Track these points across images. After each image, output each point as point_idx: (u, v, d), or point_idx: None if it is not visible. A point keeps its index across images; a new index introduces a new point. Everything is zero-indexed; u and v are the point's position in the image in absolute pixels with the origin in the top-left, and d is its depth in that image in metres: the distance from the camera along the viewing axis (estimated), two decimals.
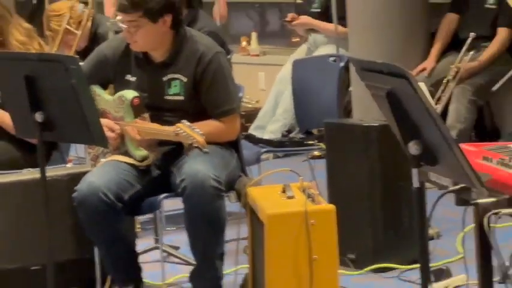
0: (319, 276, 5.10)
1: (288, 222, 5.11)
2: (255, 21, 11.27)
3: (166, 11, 5.50)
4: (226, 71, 5.65)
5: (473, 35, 6.79)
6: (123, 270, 5.62)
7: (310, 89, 7.17)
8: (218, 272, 5.51)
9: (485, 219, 3.79)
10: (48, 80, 5.18)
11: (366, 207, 6.02)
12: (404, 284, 5.74)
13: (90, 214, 5.41)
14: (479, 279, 4.31)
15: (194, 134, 5.18)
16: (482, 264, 4.28)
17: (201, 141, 5.16)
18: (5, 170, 5.94)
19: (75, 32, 7.39)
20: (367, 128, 6.07)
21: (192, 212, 5.40)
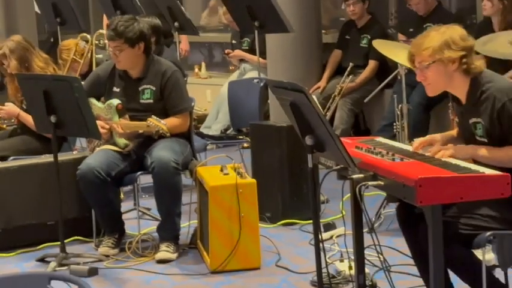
0: (246, 228, 5.12)
1: (224, 191, 5.13)
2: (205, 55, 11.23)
3: (140, 40, 5.50)
4: (181, 83, 5.64)
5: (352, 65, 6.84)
6: (111, 224, 5.59)
7: (240, 100, 7.19)
8: (176, 226, 5.49)
9: (357, 189, 3.81)
10: (59, 93, 5.20)
11: (277, 181, 6.00)
12: (304, 233, 5.71)
13: (88, 186, 5.40)
14: (353, 230, 4.31)
15: (160, 124, 5.23)
16: (356, 220, 4.26)
17: (165, 129, 5.23)
18: (30, 156, 5.94)
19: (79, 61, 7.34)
20: (279, 128, 6.07)
21: (158, 184, 5.40)
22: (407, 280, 4.58)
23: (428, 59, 3.85)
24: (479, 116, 3.84)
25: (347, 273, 4.69)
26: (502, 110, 3.76)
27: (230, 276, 5.04)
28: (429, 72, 3.88)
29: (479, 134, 3.88)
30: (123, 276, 5.19)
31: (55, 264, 5.24)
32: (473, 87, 3.87)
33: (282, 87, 3.90)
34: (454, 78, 3.87)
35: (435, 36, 3.86)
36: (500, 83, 3.90)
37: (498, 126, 3.79)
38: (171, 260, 5.37)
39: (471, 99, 3.89)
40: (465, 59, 3.83)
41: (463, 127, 4.00)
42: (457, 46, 3.82)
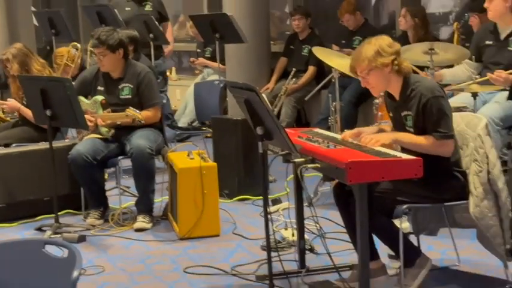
0: (208, 203, 5.10)
1: (190, 172, 5.10)
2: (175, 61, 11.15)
3: (120, 47, 5.44)
4: (154, 82, 5.58)
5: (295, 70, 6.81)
6: (97, 199, 5.53)
7: (204, 98, 7.15)
8: (151, 201, 5.46)
9: (298, 171, 3.81)
10: (54, 91, 5.14)
11: (234, 164, 5.98)
12: (255, 207, 5.70)
13: (77, 168, 5.35)
14: (296, 204, 4.32)
15: (136, 114, 5.23)
16: (298, 196, 4.28)
17: (140, 117, 5.22)
18: (29, 143, 5.87)
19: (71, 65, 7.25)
20: (235, 121, 6.05)
21: (136, 167, 5.35)
22: (340, 245, 4.60)
23: (366, 68, 3.87)
24: (410, 110, 3.87)
25: (290, 239, 4.71)
26: (426, 105, 3.78)
27: (195, 242, 5.02)
28: (370, 78, 3.90)
29: (408, 125, 3.89)
30: (107, 242, 5.15)
31: (50, 232, 5.20)
32: (404, 86, 3.89)
33: (237, 87, 3.88)
34: (390, 79, 3.89)
35: (368, 48, 3.88)
36: (426, 82, 3.94)
37: (422, 118, 3.81)
38: (146, 228, 5.33)
39: (403, 96, 3.91)
40: (396, 61, 3.85)
41: (396, 120, 4.01)
42: (387, 53, 3.85)
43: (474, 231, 3.97)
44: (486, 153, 3.78)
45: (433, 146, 3.78)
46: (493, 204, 3.77)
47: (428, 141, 3.79)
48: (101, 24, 7.86)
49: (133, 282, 4.39)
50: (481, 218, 3.77)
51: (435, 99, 3.78)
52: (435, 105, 3.77)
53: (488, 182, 3.76)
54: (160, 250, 4.93)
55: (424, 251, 4.06)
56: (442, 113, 3.78)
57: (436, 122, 3.77)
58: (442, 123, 3.77)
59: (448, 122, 3.80)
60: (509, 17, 5.42)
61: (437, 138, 3.77)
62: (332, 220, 4.86)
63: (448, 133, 3.78)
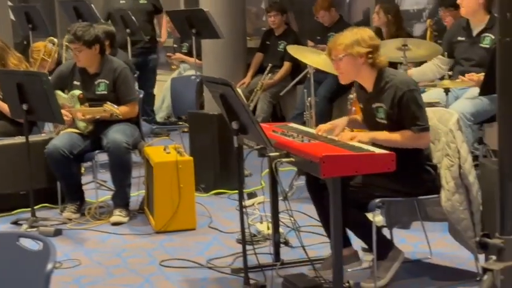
0: (184, 197, 5.09)
1: (166, 166, 5.08)
2: None
3: (96, 42, 5.40)
4: (130, 78, 5.55)
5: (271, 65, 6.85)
6: (73, 193, 5.50)
7: (180, 93, 7.13)
8: (128, 195, 5.44)
9: (273, 165, 3.81)
10: (30, 86, 5.10)
11: (210, 158, 5.97)
12: (231, 201, 5.69)
13: (54, 162, 5.31)
14: (271, 198, 4.32)
15: (114, 109, 5.20)
16: (273, 190, 4.28)
17: (118, 112, 5.19)
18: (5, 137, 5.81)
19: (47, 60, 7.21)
20: (211, 115, 6.03)
21: (113, 161, 5.33)
22: (314, 238, 4.62)
23: (341, 52, 3.88)
24: (382, 102, 3.88)
25: (265, 233, 4.72)
26: (402, 98, 3.80)
27: (171, 235, 5.01)
28: (342, 63, 3.91)
29: (379, 117, 3.91)
30: (83, 236, 5.12)
31: (26, 226, 5.17)
32: (379, 78, 3.90)
33: (213, 82, 3.88)
34: (362, 70, 3.90)
35: (348, 35, 3.89)
36: (402, 76, 3.97)
37: (397, 110, 3.83)
38: (123, 222, 5.31)
39: (376, 88, 3.92)
40: (371, 55, 3.86)
41: (367, 111, 4.02)
42: (365, 44, 3.86)
43: (446, 224, 4.01)
44: (458, 147, 3.80)
45: (411, 140, 3.80)
46: (464, 198, 3.80)
47: (405, 136, 3.81)
48: (77, 19, 7.81)
49: (110, 275, 4.37)
50: (452, 212, 3.80)
51: (411, 93, 3.79)
52: (411, 98, 3.79)
53: (460, 176, 3.79)
54: (136, 243, 4.92)
55: (397, 244, 4.08)
56: (419, 106, 3.81)
57: (414, 115, 3.79)
58: (420, 116, 3.80)
59: (425, 114, 3.83)
60: (481, 13, 5.46)
61: (415, 131, 3.79)
62: (307, 214, 4.87)
63: (425, 125, 3.81)
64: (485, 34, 5.46)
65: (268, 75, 6.71)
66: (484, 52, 5.41)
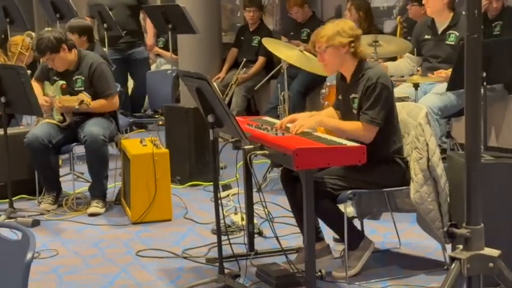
0: (160, 188, 5.08)
1: (143, 159, 5.07)
2: None
3: (59, 43, 5.29)
4: (107, 73, 5.48)
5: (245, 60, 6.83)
6: (50, 184, 5.47)
7: (157, 87, 7.10)
8: (104, 186, 5.42)
9: (248, 157, 3.82)
10: (8, 79, 5.05)
11: (185, 151, 5.95)
12: (206, 193, 5.69)
13: (33, 151, 5.29)
14: (245, 190, 4.31)
15: (86, 98, 5.15)
16: (247, 182, 4.28)
17: (88, 100, 5.16)
18: None
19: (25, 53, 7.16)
20: (187, 109, 6.01)
21: (90, 153, 5.30)
22: (287, 229, 4.63)
23: (324, 44, 3.89)
24: (357, 93, 3.90)
25: (240, 224, 4.72)
26: (369, 87, 3.81)
27: (147, 226, 5.00)
28: (326, 55, 3.92)
29: (355, 107, 3.92)
30: (61, 226, 5.10)
31: (4, 217, 5.13)
32: (357, 69, 3.92)
33: (189, 76, 3.86)
34: (345, 60, 3.91)
35: (330, 27, 3.91)
36: (378, 69, 3.99)
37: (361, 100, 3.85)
38: (99, 213, 5.29)
39: (354, 79, 3.93)
40: (353, 44, 3.88)
41: (345, 102, 4.02)
42: (347, 34, 3.88)
43: (414, 215, 4.03)
44: (426, 141, 3.83)
45: (357, 131, 3.81)
46: (432, 190, 3.84)
47: (352, 125, 3.83)
48: (55, 14, 7.76)
49: (87, 265, 4.36)
50: (420, 203, 3.83)
51: (380, 85, 3.80)
52: (376, 90, 3.80)
53: (428, 169, 3.82)
54: (113, 234, 4.90)
55: (367, 235, 4.12)
56: (379, 99, 3.80)
57: (370, 105, 3.80)
58: (374, 108, 3.79)
59: (380, 111, 3.80)
60: (446, 12, 5.52)
61: (363, 120, 3.80)
62: (280, 205, 4.87)
63: (375, 119, 3.80)
64: (450, 31, 5.53)
65: (243, 69, 6.69)
66: (450, 49, 5.47)
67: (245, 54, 7.82)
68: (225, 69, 8.10)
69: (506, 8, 6.16)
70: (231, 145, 3.97)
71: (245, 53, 7.87)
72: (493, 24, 6.10)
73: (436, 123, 5.24)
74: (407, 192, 3.90)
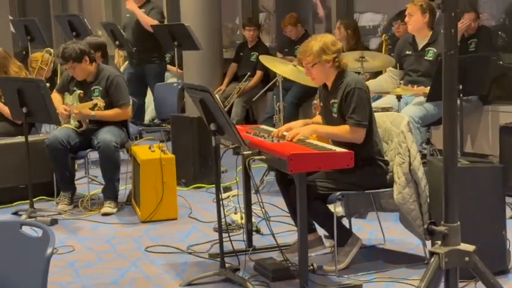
0: (167, 190, 5.07)
1: (151, 163, 5.06)
2: None
3: (83, 55, 5.32)
4: (122, 84, 5.47)
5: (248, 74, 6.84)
6: (66, 183, 5.46)
7: (164, 98, 7.10)
8: (116, 188, 5.42)
9: (246, 162, 3.83)
10: (29, 91, 5.05)
11: (190, 156, 5.94)
12: (209, 194, 5.69)
13: (53, 150, 5.28)
14: (244, 192, 4.31)
15: (100, 102, 5.26)
16: (246, 184, 4.27)
17: (102, 104, 5.25)
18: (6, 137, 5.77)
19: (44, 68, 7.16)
20: (191, 118, 6.00)
21: (103, 159, 5.30)
22: (282, 227, 4.63)
23: (311, 62, 3.90)
24: (336, 98, 3.91)
25: (239, 222, 4.70)
26: (349, 93, 3.82)
27: (155, 224, 4.99)
28: (313, 70, 3.93)
29: (334, 111, 3.93)
30: (77, 225, 5.09)
31: (25, 216, 5.12)
32: (337, 78, 3.93)
33: (194, 89, 3.86)
34: (330, 73, 3.93)
35: (314, 45, 3.90)
36: (355, 76, 3.99)
37: (345, 104, 3.86)
38: (112, 213, 5.29)
39: (334, 86, 3.94)
40: (337, 59, 3.89)
41: (326, 107, 4.03)
42: (330, 50, 3.88)
43: (397, 214, 4.03)
44: (408, 147, 3.84)
45: (346, 133, 3.82)
46: (414, 191, 3.84)
47: (341, 130, 3.84)
48: (71, 32, 7.77)
49: (100, 260, 4.35)
50: (403, 203, 3.84)
51: (357, 90, 3.82)
52: (356, 94, 3.81)
53: (410, 172, 3.82)
54: (124, 232, 4.90)
55: (355, 232, 4.12)
56: (360, 103, 3.81)
57: (353, 109, 3.81)
58: (358, 111, 3.80)
59: (364, 112, 3.81)
60: (425, 30, 5.54)
61: (350, 124, 3.81)
62: (276, 205, 4.87)
63: (361, 122, 3.81)
64: (429, 48, 5.54)
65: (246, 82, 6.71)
66: (429, 64, 5.48)
67: (244, 68, 7.83)
68: (226, 82, 8.10)
69: (480, 27, 6.19)
70: (232, 151, 3.95)
71: (244, 68, 7.88)
72: (469, 41, 6.13)
73: (417, 131, 5.25)
74: (390, 194, 3.91)
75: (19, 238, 2.16)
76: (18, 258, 2.13)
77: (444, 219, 2.27)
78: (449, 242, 2.27)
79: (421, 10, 5.42)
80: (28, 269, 2.11)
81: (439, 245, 2.31)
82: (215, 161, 3.86)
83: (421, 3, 5.39)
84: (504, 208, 3.76)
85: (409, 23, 5.54)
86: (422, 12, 5.43)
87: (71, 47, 5.33)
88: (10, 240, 2.18)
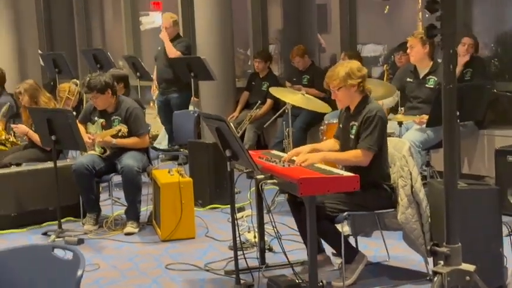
0: (185, 211, 5.07)
1: (170, 186, 5.07)
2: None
3: (106, 88, 5.36)
4: (140, 116, 5.51)
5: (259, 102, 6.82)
6: (92, 205, 5.46)
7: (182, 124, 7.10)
8: (138, 210, 5.41)
9: (260, 185, 3.83)
10: (58, 120, 5.08)
11: (206, 179, 5.94)
12: (224, 214, 5.67)
13: (79, 175, 5.30)
14: (257, 212, 4.32)
15: (124, 128, 5.27)
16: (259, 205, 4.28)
17: (125, 130, 5.28)
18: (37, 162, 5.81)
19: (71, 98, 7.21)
20: (207, 144, 6.01)
21: (126, 182, 5.32)
22: (293, 245, 4.59)
23: (337, 85, 3.91)
24: (356, 121, 3.91)
25: (253, 241, 4.70)
26: (368, 117, 3.83)
27: (175, 243, 4.99)
28: (339, 93, 3.94)
29: (352, 133, 3.93)
30: (102, 244, 5.09)
31: (54, 236, 5.13)
32: (361, 102, 3.94)
33: (210, 118, 3.89)
34: (354, 96, 3.94)
35: (341, 70, 3.92)
36: (378, 105, 3.99)
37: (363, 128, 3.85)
38: (134, 233, 5.28)
39: (357, 109, 3.95)
40: (361, 84, 3.90)
41: (344, 129, 4.04)
42: (356, 76, 3.89)
43: (401, 233, 4.02)
44: (410, 170, 3.83)
45: (354, 157, 3.82)
46: (416, 212, 3.83)
47: (349, 155, 3.84)
48: (96, 65, 7.83)
49: (124, 277, 4.35)
50: (406, 223, 3.83)
51: (378, 117, 3.83)
52: (374, 121, 3.81)
53: (412, 194, 3.82)
54: (146, 250, 4.89)
55: (361, 249, 4.11)
56: (376, 129, 3.81)
57: (368, 134, 3.81)
58: (371, 136, 3.81)
59: (377, 138, 3.81)
60: (426, 60, 5.55)
61: (361, 147, 3.81)
62: (287, 225, 4.85)
63: (372, 146, 3.81)
64: (430, 76, 5.54)
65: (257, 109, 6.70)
66: (429, 91, 5.48)
67: (255, 97, 7.83)
68: (239, 109, 8.09)
69: (474, 58, 6.19)
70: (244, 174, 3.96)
71: (255, 96, 7.87)
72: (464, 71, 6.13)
73: (418, 154, 5.24)
74: (394, 214, 3.90)
75: (51, 260, 2.17)
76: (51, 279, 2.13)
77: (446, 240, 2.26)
78: (451, 262, 2.27)
79: (421, 42, 5.45)
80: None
81: (442, 265, 2.30)
82: (230, 185, 3.87)
83: (421, 35, 5.42)
84: (501, 227, 3.74)
85: (411, 54, 5.56)
86: (422, 44, 5.45)
87: (97, 78, 5.37)
88: (43, 263, 2.19)
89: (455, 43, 1.95)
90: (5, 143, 6.26)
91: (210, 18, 7.65)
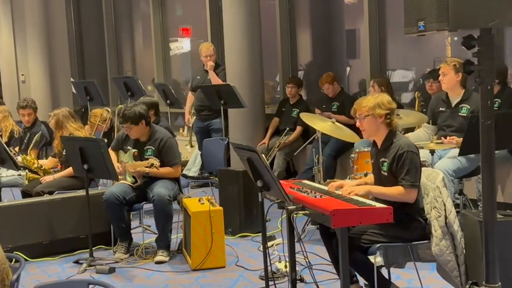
0: (215, 239, 5.07)
1: (201, 215, 5.07)
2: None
3: (141, 118, 5.42)
4: (173, 146, 5.54)
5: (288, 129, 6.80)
6: (123, 234, 5.48)
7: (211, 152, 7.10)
8: (169, 238, 5.41)
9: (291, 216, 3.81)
10: (90, 149, 5.13)
11: (236, 208, 5.92)
12: (254, 243, 5.66)
13: (110, 205, 5.34)
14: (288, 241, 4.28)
15: (156, 162, 5.29)
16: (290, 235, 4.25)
17: (158, 164, 5.29)
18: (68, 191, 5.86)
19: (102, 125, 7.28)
20: (237, 171, 6.00)
21: (157, 211, 5.32)
22: (325, 275, 4.57)
23: (364, 113, 3.91)
24: (387, 157, 3.89)
25: (284, 270, 4.66)
26: (402, 155, 3.81)
27: (205, 272, 4.98)
28: (365, 122, 3.93)
29: (383, 170, 3.91)
30: (133, 272, 5.10)
31: (86, 265, 5.15)
32: (388, 137, 3.93)
33: (241, 148, 3.89)
34: (380, 128, 3.92)
35: (370, 99, 3.94)
36: (406, 140, 3.96)
37: (396, 165, 3.84)
38: (165, 261, 5.28)
39: (384, 145, 3.93)
40: (389, 116, 3.90)
41: (375, 164, 4.02)
42: (385, 107, 3.89)
43: (434, 264, 3.96)
44: (443, 201, 3.78)
45: (400, 194, 3.80)
46: (450, 243, 3.77)
47: (395, 191, 3.81)
48: (127, 92, 7.92)
49: None
50: (440, 255, 3.77)
51: (410, 153, 3.80)
52: (409, 158, 3.79)
53: (446, 225, 3.76)
54: (176, 279, 4.88)
55: (394, 281, 4.06)
56: (413, 165, 3.80)
57: (407, 171, 3.79)
58: (411, 173, 3.79)
59: (416, 174, 3.81)
60: (458, 88, 5.49)
61: (404, 186, 3.79)
62: (318, 254, 4.82)
63: (414, 183, 3.80)
64: (462, 105, 5.48)
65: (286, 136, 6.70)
66: (462, 120, 5.42)
67: (285, 123, 7.82)
68: (268, 136, 8.08)
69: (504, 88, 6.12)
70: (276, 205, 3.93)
71: (285, 123, 7.87)
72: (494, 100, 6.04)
73: (451, 183, 5.18)
74: (428, 245, 3.84)
75: None
76: None
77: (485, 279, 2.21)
78: None
79: (454, 70, 5.39)
80: None
81: None
82: (261, 215, 3.84)
83: (454, 63, 5.37)
84: None
85: (443, 81, 5.51)
86: (455, 71, 5.39)
87: (132, 109, 5.43)
88: None
89: (493, 79, 1.93)
90: (38, 171, 6.33)
91: (239, 45, 7.70)
